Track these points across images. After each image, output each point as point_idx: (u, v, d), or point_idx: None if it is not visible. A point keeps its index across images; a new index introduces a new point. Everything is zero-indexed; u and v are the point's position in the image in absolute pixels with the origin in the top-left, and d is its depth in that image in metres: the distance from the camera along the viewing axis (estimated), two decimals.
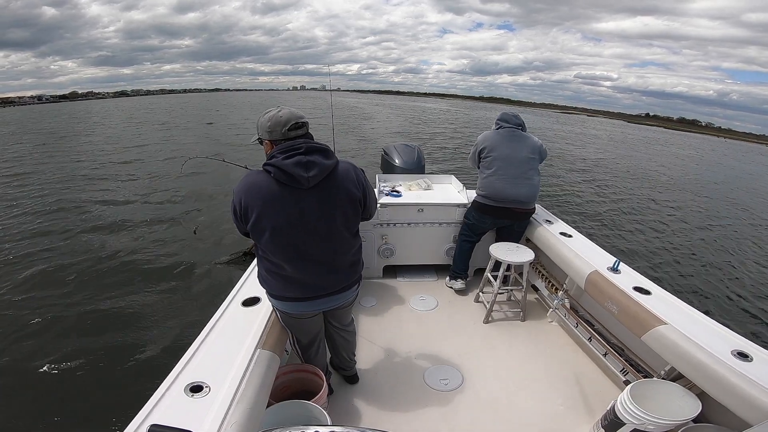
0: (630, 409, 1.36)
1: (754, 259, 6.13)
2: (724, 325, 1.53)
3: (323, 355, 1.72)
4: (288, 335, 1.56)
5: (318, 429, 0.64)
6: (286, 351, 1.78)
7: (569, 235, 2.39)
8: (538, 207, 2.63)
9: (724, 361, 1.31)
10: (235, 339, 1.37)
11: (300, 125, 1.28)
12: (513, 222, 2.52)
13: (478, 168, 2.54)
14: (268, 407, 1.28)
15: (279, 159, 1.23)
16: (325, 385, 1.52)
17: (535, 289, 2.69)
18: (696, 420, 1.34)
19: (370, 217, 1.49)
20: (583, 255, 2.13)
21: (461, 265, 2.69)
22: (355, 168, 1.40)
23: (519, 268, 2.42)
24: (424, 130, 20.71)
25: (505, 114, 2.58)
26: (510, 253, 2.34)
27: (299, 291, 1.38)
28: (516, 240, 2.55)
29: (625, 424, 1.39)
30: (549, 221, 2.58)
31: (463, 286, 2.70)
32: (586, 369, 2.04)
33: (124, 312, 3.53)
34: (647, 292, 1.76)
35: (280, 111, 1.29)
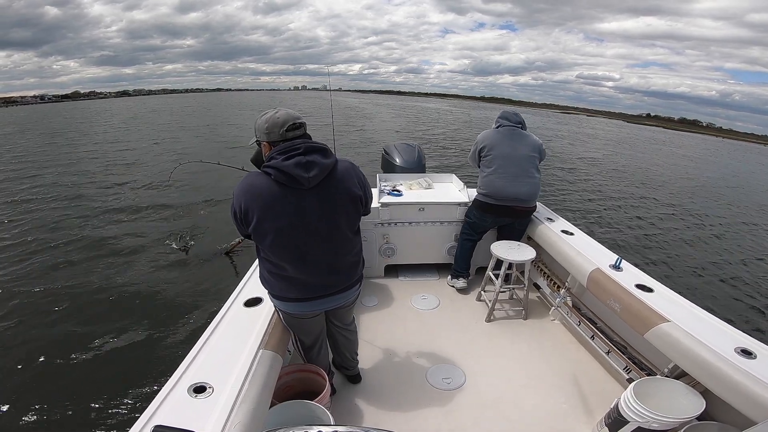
0: (634, 407, 1.36)
1: (756, 256, 6.11)
2: (727, 322, 1.53)
3: (325, 355, 1.72)
4: (290, 335, 1.56)
5: (321, 429, 0.64)
6: (289, 351, 1.78)
7: (571, 233, 2.38)
8: (539, 205, 2.62)
9: (728, 358, 1.30)
10: (237, 339, 1.37)
11: (298, 125, 1.28)
12: (514, 220, 2.52)
13: (479, 167, 2.53)
14: (271, 407, 1.29)
15: (278, 160, 1.22)
16: (328, 384, 1.53)
17: (537, 287, 2.69)
18: (700, 418, 1.33)
19: (367, 213, 1.50)
20: (584, 253, 2.12)
21: (463, 264, 2.69)
22: (354, 166, 1.39)
23: (521, 267, 2.42)
24: (425, 129, 20.71)
25: (505, 112, 2.58)
26: (511, 251, 2.33)
27: (301, 291, 1.38)
28: (517, 238, 2.54)
29: (628, 422, 1.39)
30: (550, 219, 2.58)
31: (465, 284, 2.70)
32: (589, 367, 2.04)
33: (127, 313, 3.54)
34: (650, 290, 1.75)
35: (277, 112, 1.28)
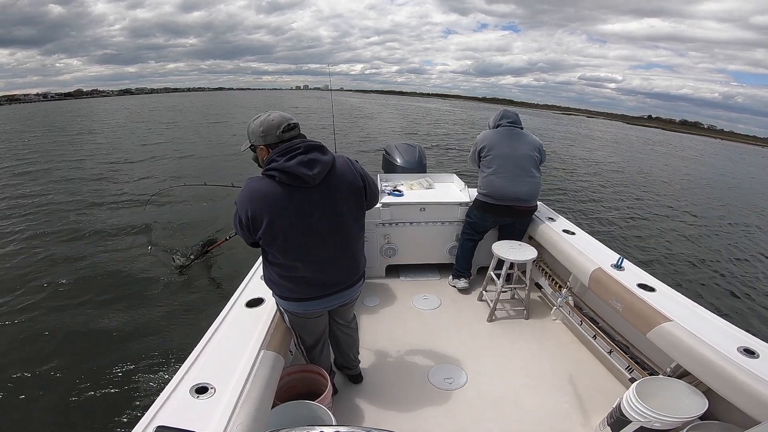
0: (636, 406, 1.36)
1: (759, 255, 6.10)
2: (729, 321, 1.52)
3: (327, 355, 1.72)
4: (292, 336, 1.56)
5: (323, 429, 0.64)
6: (291, 351, 1.78)
7: (572, 233, 2.38)
8: (540, 205, 2.62)
9: (731, 357, 1.30)
10: (239, 340, 1.37)
11: (293, 126, 1.29)
12: (515, 220, 2.51)
13: (479, 167, 2.53)
14: (273, 408, 1.29)
15: (280, 162, 1.22)
16: (330, 385, 1.53)
17: (538, 287, 2.68)
18: (703, 417, 1.33)
19: (375, 203, 1.51)
20: (586, 252, 2.12)
21: (464, 264, 2.69)
22: (350, 159, 1.41)
23: (522, 267, 2.42)
24: (425, 129, 20.72)
25: (506, 111, 2.59)
26: (513, 251, 2.33)
27: (311, 290, 1.39)
28: (518, 238, 2.54)
29: (631, 422, 1.38)
30: (551, 219, 2.58)
31: (466, 284, 2.70)
32: (591, 367, 2.03)
33: (130, 314, 3.54)
34: (652, 289, 1.75)
35: (269, 115, 1.29)
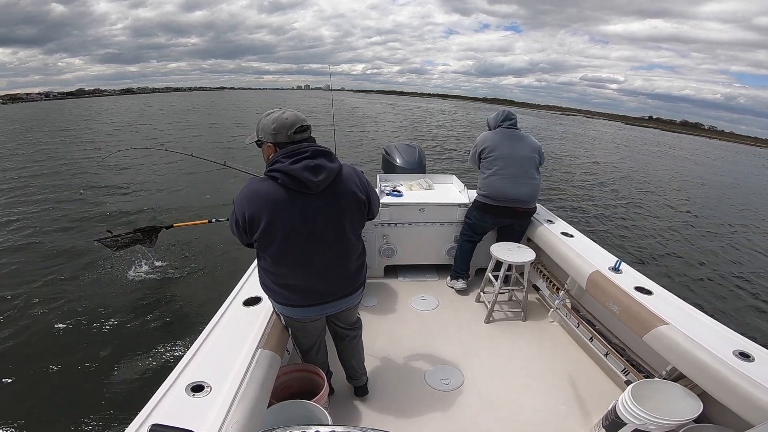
0: (631, 409, 1.36)
1: (756, 259, 6.12)
2: (725, 325, 1.53)
3: (324, 356, 1.71)
4: (289, 335, 1.55)
5: (319, 429, 0.64)
6: (287, 351, 1.78)
7: (570, 235, 2.39)
8: (539, 207, 2.62)
9: (726, 361, 1.30)
10: (236, 339, 1.37)
11: (305, 128, 1.25)
12: (514, 221, 2.52)
13: (479, 169, 2.54)
14: (269, 407, 1.29)
15: (285, 164, 1.18)
16: (326, 384, 1.52)
17: (536, 288, 2.69)
18: (697, 420, 1.33)
19: (373, 217, 1.48)
20: (584, 255, 2.12)
21: (462, 265, 2.69)
22: (357, 170, 1.38)
23: (520, 268, 2.42)
24: (425, 129, 20.74)
25: (507, 112, 2.58)
26: (511, 252, 2.34)
27: (306, 298, 1.37)
28: (517, 240, 2.54)
29: (626, 425, 1.39)
30: (550, 221, 2.58)
31: (464, 285, 2.70)
32: (588, 369, 2.04)
33: (126, 313, 3.54)
34: (649, 292, 1.76)
35: (284, 113, 1.24)
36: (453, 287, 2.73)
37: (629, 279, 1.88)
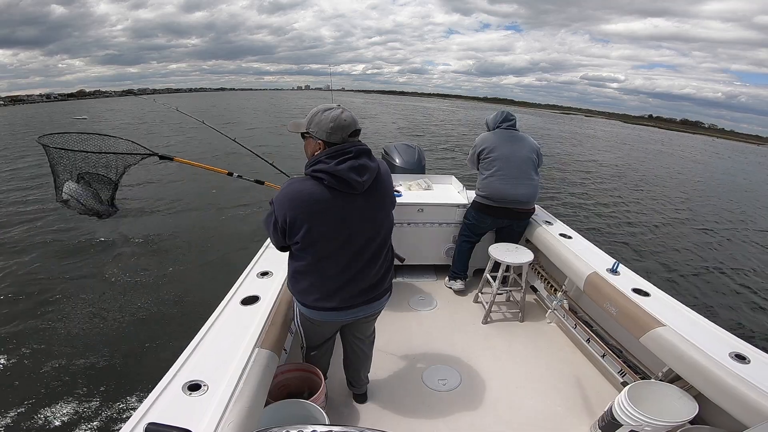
0: (627, 410, 1.37)
1: (753, 261, 6.13)
2: (722, 327, 1.54)
3: (327, 359, 1.67)
4: (291, 333, 1.53)
5: (316, 428, 0.64)
6: (285, 350, 1.78)
7: (569, 237, 2.39)
8: (537, 208, 2.63)
9: (722, 363, 1.31)
10: (233, 338, 1.37)
11: (358, 132, 1.21)
12: (512, 222, 2.52)
13: (478, 169, 2.54)
14: (266, 406, 1.28)
15: (330, 164, 1.14)
16: (324, 384, 1.52)
17: (534, 289, 2.69)
18: (693, 422, 1.34)
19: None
20: (582, 256, 2.13)
21: (461, 266, 2.69)
22: (387, 167, 1.34)
23: (518, 269, 2.42)
24: (425, 129, 20.74)
25: (507, 113, 2.58)
26: (509, 253, 2.34)
27: (340, 300, 1.32)
28: (515, 241, 2.55)
29: (622, 426, 1.39)
30: (548, 222, 2.58)
31: (463, 286, 2.70)
32: (584, 370, 2.04)
33: (124, 310, 3.53)
34: (646, 294, 1.76)
35: (342, 113, 1.18)
36: (451, 288, 2.73)
37: (627, 281, 1.89)
